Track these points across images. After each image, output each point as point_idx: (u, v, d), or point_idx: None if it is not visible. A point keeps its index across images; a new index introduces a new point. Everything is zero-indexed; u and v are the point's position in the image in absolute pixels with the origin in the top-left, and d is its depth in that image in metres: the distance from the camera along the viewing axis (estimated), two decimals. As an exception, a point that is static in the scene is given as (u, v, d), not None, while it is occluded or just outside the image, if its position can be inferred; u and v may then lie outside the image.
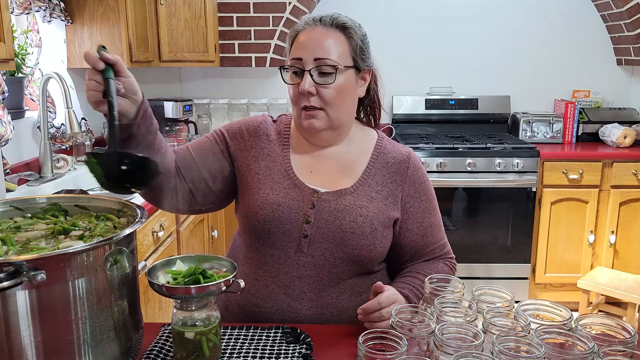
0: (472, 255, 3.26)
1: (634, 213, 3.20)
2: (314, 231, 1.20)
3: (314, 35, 1.21)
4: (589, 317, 0.92)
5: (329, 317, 1.22)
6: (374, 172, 1.27)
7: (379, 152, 1.30)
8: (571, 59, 3.70)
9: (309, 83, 1.18)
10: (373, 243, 1.21)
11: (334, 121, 1.23)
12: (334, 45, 1.20)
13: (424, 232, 1.29)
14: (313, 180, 1.25)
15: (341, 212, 1.20)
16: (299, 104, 1.22)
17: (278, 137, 1.31)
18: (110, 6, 2.71)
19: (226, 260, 1.02)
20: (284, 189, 1.23)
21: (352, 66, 1.23)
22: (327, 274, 1.21)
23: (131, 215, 1.01)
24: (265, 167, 1.26)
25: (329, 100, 1.20)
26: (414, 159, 1.31)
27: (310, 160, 1.28)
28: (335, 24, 1.23)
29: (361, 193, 1.24)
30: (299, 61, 1.20)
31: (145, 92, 3.45)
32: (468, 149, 3.19)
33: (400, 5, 3.66)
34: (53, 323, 0.79)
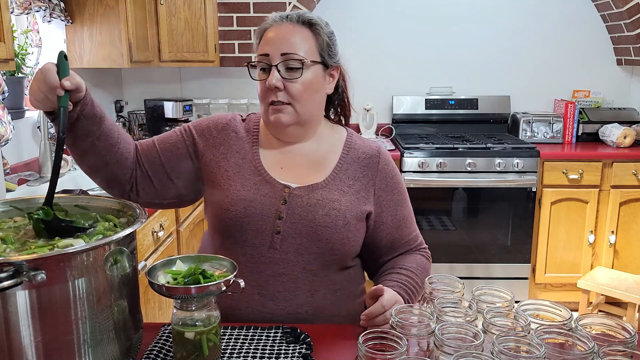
0: (472, 255, 3.27)
1: (634, 213, 3.20)
2: (286, 227, 1.20)
3: (281, 31, 1.22)
4: (589, 317, 0.92)
5: (305, 316, 1.21)
6: (345, 167, 1.28)
7: (350, 148, 1.31)
8: (571, 59, 3.70)
9: (276, 78, 1.19)
10: (347, 236, 1.21)
11: (302, 116, 1.23)
12: (301, 41, 1.21)
13: (398, 224, 1.30)
14: (284, 176, 1.25)
15: (314, 207, 1.20)
16: (267, 100, 1.22)
17: (247, 134, 1.31)
18: (110, 6, 2.71)
19: (226, 260, 1.02)
20: (254, 185, 1.23)
21: (319, 62, 1.23)
22: (300, 271, 1.20)
23: (131, 215, 1.01)
24: (234, 164, 1.26)
25: (296, 95, 1.20)
26: (384, 153, 1.32)
27: (280, 156, 1.28)
28: (302, 21, 1.23)
29: (333, 187, 1.24)
30: (265, 57, 1.20)
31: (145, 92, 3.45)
32: (468, 149, 3.19)
33: (400, 5, 3.66)
34: (53, 323, 0.79)
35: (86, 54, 2.79)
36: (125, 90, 3.64)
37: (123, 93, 3.63)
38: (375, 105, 3.68)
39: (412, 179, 3.15)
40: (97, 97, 3.35)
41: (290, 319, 1.19)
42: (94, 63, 2.80)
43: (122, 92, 3.63)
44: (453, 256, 3.27)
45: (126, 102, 3.54)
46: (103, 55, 2.78)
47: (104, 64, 2.80)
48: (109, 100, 3.44)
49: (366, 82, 3.72)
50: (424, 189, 3.18)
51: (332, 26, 1.32)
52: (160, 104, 3.32)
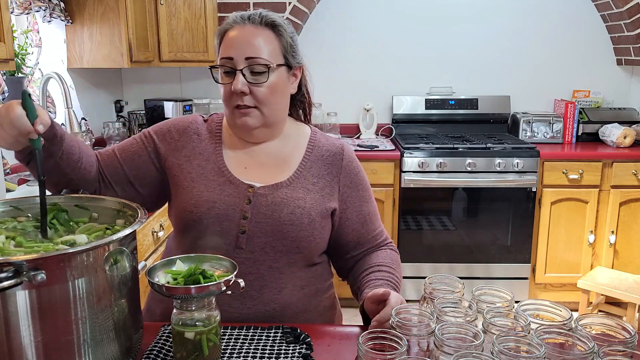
0: (472, 255, 3.27)
1: (634, 213, 3.20)
2: (251, 226, 1.20)
3: (244, 33, 1.20)
4: (589, 317, 0.92)
5: (272, 314, 1.21)
6: (309, 165, 1.28)
7: (314, 146, 1.31)
8: (571, 59, 3.70)
9: (242, 82, 1.18)
10: (312, 234, 1.21)
11: (268, 119, 1.23)
12: (265, 44, 1.20)
13: (364, 220, 1.30)
14: (248, 176, 1.25)
15: (278, 205, 1.20)
16: (232, 103, 1.21)
17: (210, 135, 1.30)
18: (110, 6, 2.71)
19: (226, 260, 1.02)
20: (218, 186, 1.22)
21: (283, 64, 1.23)
22: (267, 269, 1.20)
23: (131, 215, 1.01)
24: (197, 166, 1.26)
25: (262, 99, 1.20)
26: (348, 151, 1.33)
27: (244, 156, 1.28)
28: (264, 22, 1.22)
29: (297, 185, 1.24)
30: (229, 60, 1.19)
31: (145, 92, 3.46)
32: (468, 149, 3.19)
33: (400, 5, 3.66)
34: (53, 323, 0.79)
35: (86, 54, 2.79)
36: (125, 90, 3.64)
37: (123, 93, 3.63)
38: (375, 105, 3.68)
39: (412, 179, 3.15)
40: (97, 97, 3.36)
41: (257, 317, 1.19)
42: (94, 63, 2.81)
43: (122, 92, 3.63)
44: (453, 256, 3.27)
45: (126, 102, 3.54)
46: (103, 55, 2.78)
47: (104, 64, 2.80)
48: (109, 100, 3.44)
49: (366, 82, 3.72)
50: (424, 189, 3.18)
51: (332, 26, 1.31)
52: (160, 104, 3.32)
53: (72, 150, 1.17)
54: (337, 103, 3.64)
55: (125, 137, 3.29)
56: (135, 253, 0.95)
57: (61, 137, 1.13)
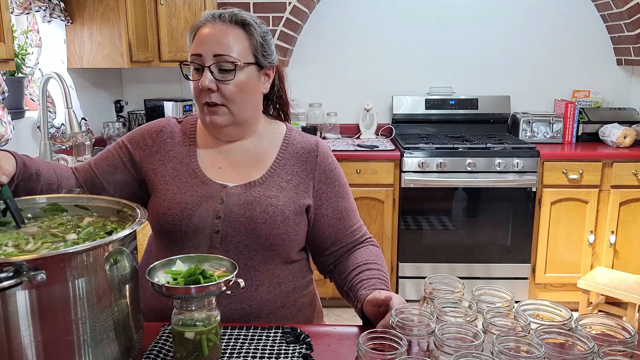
0: (472, 255, 3.27)
1: (634, 213, 3.20)
2: (225, 226, 1.20)
3: (214, 31, 1.21)
4: (589, 317, 0.92)
5: (249, 311, 1.21)
6: (283, 162, 1.28)
7: (288, 144, 1.31)
8: (571, 59, 3.70)
9: (209, 79, 1.19)
10: (286, 231, 1.22)
11: (237, 117, 1.24)
12: (234, 42, 1.21)
13: (340, 215, 1.30)
14: (222, 176, 1.26)
15: (251, 204, 1.21)
16: (200, 100, 1.22)
17: (184, 137, 1.31)
18: (110, 6, 2.71)
19: (226, 260, 1.02)
20: (191, 187, 1.23)
21: (253, 63, 1.23)
22: (242, 267, 1.20)
23: (131, 215, 1.01)
24: (172, 169, 1.26)
25: (229, 96, 1.21)
26: (323, 147, 1.33)
27: (219, 156, 1.28)
28: (235, 21, 1.22)
29: (270, 183, 1.25)
30: (198, 57, 1.20)
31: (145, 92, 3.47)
32: (468, 149, 3.19)
33: (400, 5, 3.66)
34: (53, 323, 0.79)
35: (86, 54, 2.79)
36: (125, 90, 3.64)
37: (123, 93, 3.63)
38: (375, 105, 3.68)
39: (412, 179, 3.15)
40: (97, 97, 3.37)
41: (234, 315, 1.19)
42: (94, 63, 2.81)
43: (122, 92, 3.63)
44: (453, 256, 3.27)
45: (126, 102, 3.54)
46: (103, 55, 2.78)
47: (104, 64, 2.80)
48: (109, 100, 3.44)
49: (366, 82, 3.72)
50: (424, 189, 3.18)
51: (332, 26, 1.32)
52: (160, 104, 3.32)
53: (51, 180, 1.18)
54: (337, 103, 3.64)
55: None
56: (135, 253, 0.95)
57: (37, 173, 1.15)
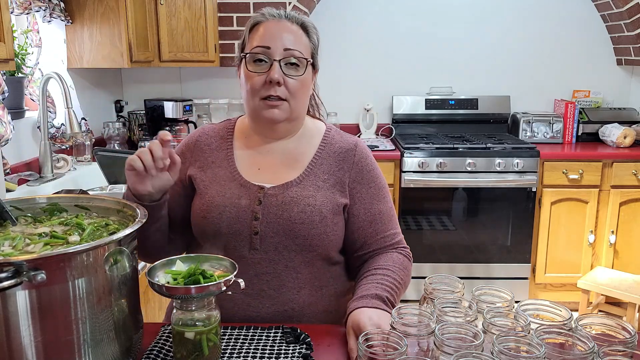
0: (472, 255, 3.27)
1: (634, 213, 3.20)
2: (263, 227, 1.20)
3: (282, 26, 1.22)
4: (589, 317, 0.92)
5: (291, 314, 1.20)
6: (320, 161, 1.27)
7: (326, 143, 1.30)
8: (571, 59, 3.70)
9: (279, 72, 1.19)
10: (325, 231, 1.21)
11: (294, 112, 1.24)
12: (300, 40, 1.23)
13: (372, 218, 1.27)
14: (260, 177, 1.26)
15: (288, 204, 1.20)
16: (261, 94, 1.21)
17: (221, 142, 1.32)
18: (110, 6, 2.71)
19: (226, 260, 1.02)
20: (229, 190, 1.24)
21: (312, 63, 1.26)
22: (283, 269, 1.20)
23: (131, 215, 1.01)
24: (211, 174, 1.28)
25: (294, 92, 1.21)
26: (362, 147, 1.32)
27: (257, 157, 1.29)
28: (298, 22, 1.25)
29: (307, 183, 1.24)
30: (266, 49, 1.20)
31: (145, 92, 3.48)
32: (468, 149, 3.19)
33: (400, 5, 3.66)
34: (53, 323, 0.79)
35: (86, 54, 2.79)
36: (125, 90, 3.64)
37: (123, 93, 3.63)
38: (375, 105, 3.68)
39: (412, 179, 3.15)
40: (97, 97, 3.37)
41: (276, 317, 1.19)
42: (94, 63, 2.81)
43: (122, 92, 3.63)
44: (453, 256, 3.27)
45: (126, 102, 3.54)
46: (103, 55, 2.78)
47: (104, 64, 2.80)
48: (109, 100, 3.44)
49: (366, 82, 3.72)
50: (424, 189, 3.18)
51: (332, 26, 1.34)
52: (160, 104, 3.32)
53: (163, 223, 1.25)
54: (337, 103, 3.64)
55: (125, 137, 3.29)
56: (135, 253, 0.95)
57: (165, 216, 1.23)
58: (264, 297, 1.20)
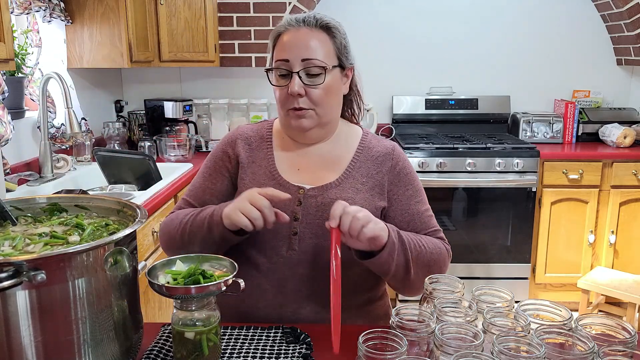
0: (472, 255, 3.26)
1: (634, 213, 3.20)
2: (302, 228, 1.21)
3: (300, 35, 1.21)
4: (589, 317, 0.92)
5: (325, 316, 1.19)
6: (358, 165, 1.28)
7: (364, 147, 1.31)
8: (571, 59, 3.70)
9: (298, 85, 1.19)
10: None
11: (322, 119, 1.24)
12: (320, 46, 1.21)
13: (410, 219, 1.28)
14: (299, 178, 1.26)
15: (328, 206, 1.20)
16: (287, 106, 1.22)
17: (260, 142, 1.32)
18: (110, 6, 2.71)
19: (226, 260, 1.02)
20: None
21: (337, 65, 1.24)
22: (320, 271, 1.21)
23: (131, 215, 1.01)
24: (251, 174, 1.28)
25: (317, 100, 1.21)
26: (399, 152, 1.33)
27: (297, 158, 1.29)
28: (319, 25, 1.23)
29: (346, 185, 1.25)
30: (285, 62, 1.20)
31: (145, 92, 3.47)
32: (468, 149, 3.19)
33: (400, 5, 3.66)
34: (53, 323, 0.79)
35: (86, 54, 2.79)
36: (125, 90, 3.64)
37: (123, 93, 3.63)
38: (375, 105, 3.68)
39: (412, 179, 3.14)
40: (97, 97, 3.37)
41: (311, 317, 1.20)
42: (94, 63, 2.81)
43: (122, 92, 3.63)
44: (453, 256, 3.24)
45: (126, 102, 3.54)
46: (103, 55, 2.78)
47: (104, 64, 2.80)
48: (109, 100, 3.44)
49: (366, 82, 3.69)
50: (424, 189, 3.17)
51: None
52: (160, 104, 3.32)
53: None
54: (337, 103, 3.63)
55: (125, 137, 3.29)
56: (135, 253, 0.95)
57: None
58: (302, 298, 1.21)
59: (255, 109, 3.61)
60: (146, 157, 2.47)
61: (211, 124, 3.61)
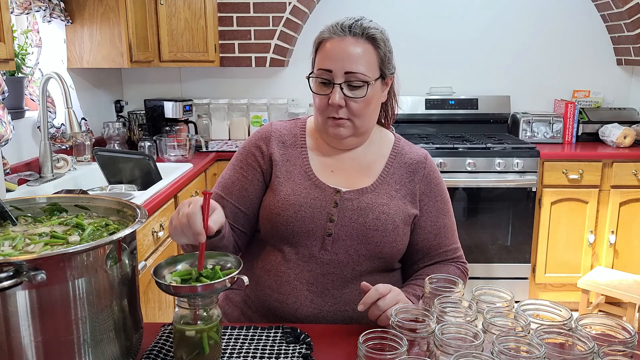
0: (472, 255, 3.26)
1: (634, 213, 3.20)
2: (337, 229, 1.22)
3: (344, 46, 1.20)
4: (589, 317, 0.92)
5: (352, 314, 1.23)
6: (392, 171, 1.29)
7: (397, 153, 1.32)
8: (571, 59, 3.70)
9: (340, 96, 1.19)
10: (395, 240, 1.23)
11: (360, 129, 1.26)
12: (364, 58, 1.20)
13: (438, 232, 1.30)
14: (334, 180, 1.27)
15: (364, 210, 1.22)
16: (326, 114, 1.23)
17: (294, 140, 1.32)
18: (110, 6, 2.71)
19: (231, 256, 1.02)
20: (305, 189, 1.25)
21: (379, 77, 1.24)
22: (350, 272, 1.22)
23: (131, 215, 1.01)
24: (285, 171, 1.28)
25: (357, 112, 1.22)
26: (430, 161, 1.34)
27: (330, 160, 1.30)
28: (365, 35, 1.22)
29: (381, 191, 1.26)
30: (328, 72, 1.20)
31: (145, 92, 3.48)
32: (468, 149, 3.19)
33: (400, 5, 3.66)
34: (53, 323, 0.79)
35: (86, 54, 2.79)
36: (125, 90, 3.64)
37: (123, 93, 3.63)
38: (375, 105, 3.68)
39: (412, 179, 3.14)
40: (97, 97, 3.36)
41: (337, 316, 1.22)
42: (94, 63, 2.81)
43: (122, 92, 3.63)
44: (453, 256, 3.27)
45: (126, 102, 3.54)
46: (103, 55, 2.78)
47: (104, 64, 2.80)
48: (109, 100, 3.44)
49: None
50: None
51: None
52: (160, 104, 3.32)
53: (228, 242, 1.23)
54: (337, 103, 3.63)
55: (125, 137, 3.29)
56: (135, 253, 0.95)
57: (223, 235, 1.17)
58: (327, 296, 1.22)
59: (255, 109, 3.61)
60: (146, 157, 2.47)
61: (211, 124, 3.61)
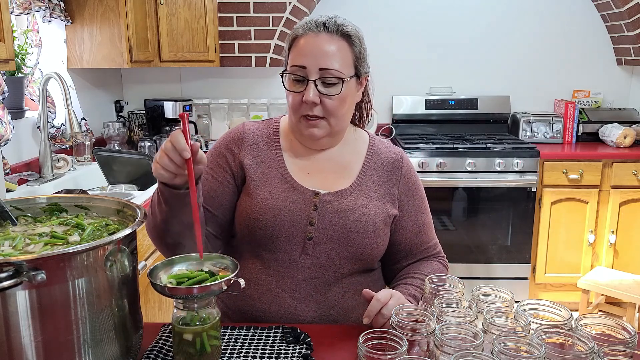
0: (472, 255, 3.26)
1: (634, 213, 3.20)
2: (318, 233, 1.20)
3: (318, 42, 1.18)
4: (589, 317, 0.92)
5: (336, 318, 1.22)
6: (369, 172, 1.28)
7: (373, 153, 1.31)
8: (571, 59, 3.70)
9: (314, 93, 1.16)
10: (376, 241, 1.22)
11: (335, 128, 1.23)
12: (339, 54, 1.18)
13: (419, 230, 1.31)
14: (311, 182, 1.25)
15: (344, 212, 1.21)
16: (300, 112, 1.20)
17: (268, 141, 1.29)
18: (110, 6, 2.71)
19: (227, 259, 1.02)
20: (282, 192, 1.22)
21: (354, 75, 1.22)
22: (332, 275, 1.21)
23: (131, 215, 1.01)
24: (260, 174, 1.25)
25: (332, 110, 1.19)
26: (407, 159, 1.34)
27: (306, 162, 1.28)
28: (340, 32, 1.20)
29: (360, 192, 1.25)
30: (302, 69, 1.17)
31: (145, 92, 3.48)
32: (468, 149, 3.19)
33: (400, 5, 3.66)
34: (53, 323, 0.79)
35: (86, 54, 2.79)
36: (125, 90, 3.64)
37: (123, 93, 3.63)
38: (375, 105, 3.66)
39: (412, 179, 3.14)
40: (97, 97, 3.36)
41: (323, 320, 1.21)
42: (94, 63, 2.81)
43: (122, 92, 3.63)
44: (453, 256, 3.26)
45: (126, 102, 3.54)
46: (103, 55, 2.78)
47: (104, 64, 2.80)
48: (109, 100, 3.44)
49: (366, 82, 3.71)
50: (424, 189, 3.17)
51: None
52: (160, 104, 3.32)
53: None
54: (337, 103, 3.63)
55: (125, 137, 3.29)
56: (135, 253, 0.95)
57: (200, 188, 1.10)
58: (311, 301, 1.21)
59: (255, 109, 3.61)
60: (146, 157, 2.47)
61: (211, 124, 3.61)
